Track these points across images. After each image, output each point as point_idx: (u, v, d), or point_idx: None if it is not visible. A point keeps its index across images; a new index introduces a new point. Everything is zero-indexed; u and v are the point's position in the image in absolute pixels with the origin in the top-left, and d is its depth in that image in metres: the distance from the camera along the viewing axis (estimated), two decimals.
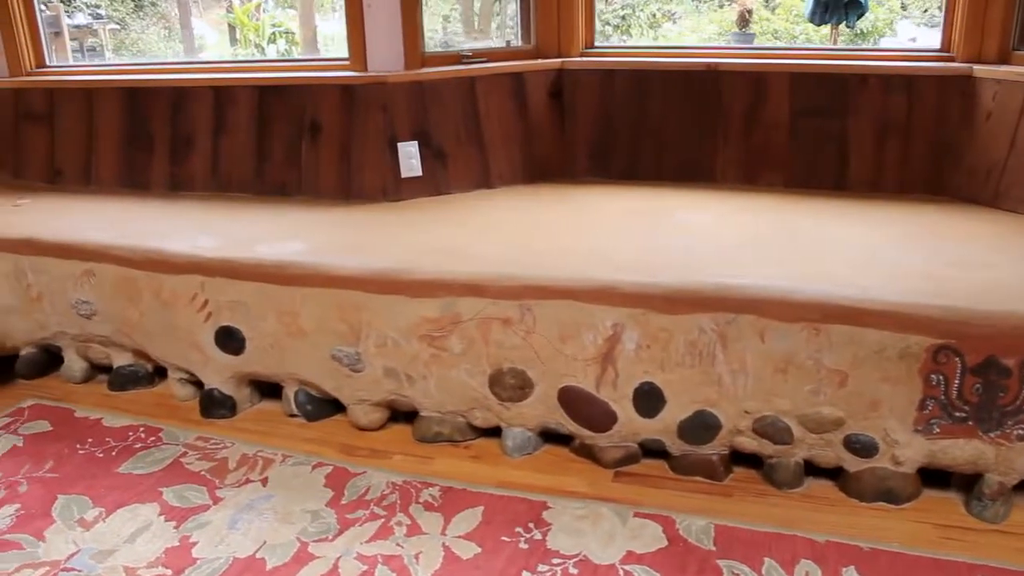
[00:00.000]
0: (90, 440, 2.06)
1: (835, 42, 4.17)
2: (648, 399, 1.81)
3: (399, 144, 2.38)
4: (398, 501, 1.78)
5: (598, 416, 1.85)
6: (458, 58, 2.55)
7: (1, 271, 2.28)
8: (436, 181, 2.45)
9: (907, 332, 1.63)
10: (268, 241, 2.12)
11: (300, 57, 3.47)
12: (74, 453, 2.01)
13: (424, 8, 2.45)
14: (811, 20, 3.75)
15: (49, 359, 2.42)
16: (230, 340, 2.05)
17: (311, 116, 2.47)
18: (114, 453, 2.00)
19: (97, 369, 2.38)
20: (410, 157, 2.38)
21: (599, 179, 2.58)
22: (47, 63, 2.91)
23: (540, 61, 2.56)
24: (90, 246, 2.17)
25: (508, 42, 2.87)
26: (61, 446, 2.04)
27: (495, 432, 1.97)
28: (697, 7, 6.59)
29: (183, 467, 1.93)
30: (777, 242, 2.01)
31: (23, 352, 2.37)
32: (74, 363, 2.34)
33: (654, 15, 6.85)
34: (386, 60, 2.44)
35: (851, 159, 2.42)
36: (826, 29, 4.29)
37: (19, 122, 2.84)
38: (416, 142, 2.40)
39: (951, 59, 2.38)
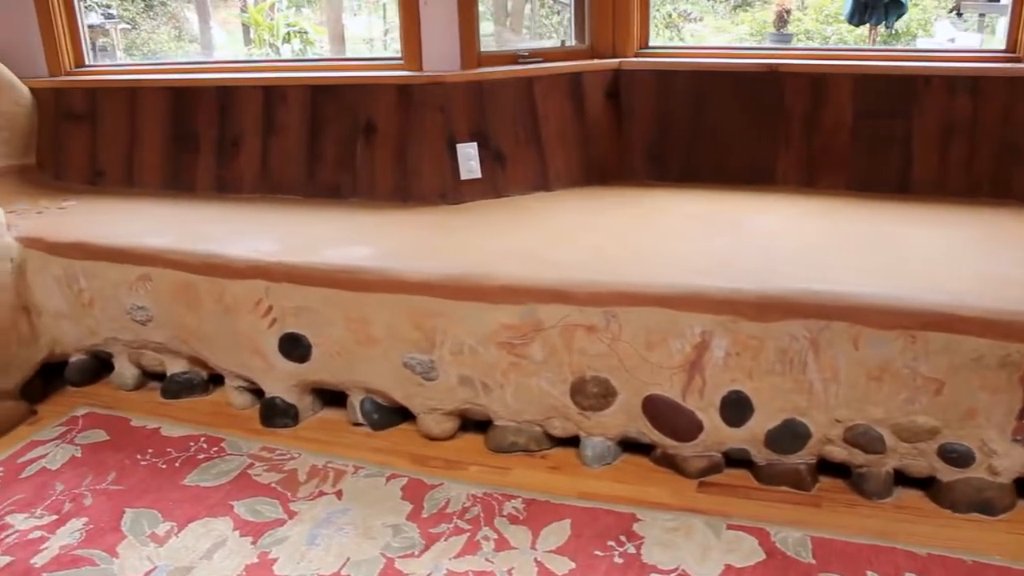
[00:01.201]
0: (150, 451, 2.00)
1: (873, 42, 4.15)
2: (736, 408, 1.77)
3: (458, 145, 2.34)
4: (481, 514, 1.73)
5: (683, 425, 1.81)
6: (514, 58, 2.50)
7: (52, 276, 2.22)
8: (495, 183, 2.40)
9: (1008, 340, 1.60)
10: (333, 245, 2.06)
11: (353, 56, 3.41)
12: (136, 464, 1.95)
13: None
14: (850, 20, 3.73)
15: (99, 366, 2.37)
16: (295, 347, 1.99)
17: (366, 117, 2.42)
18: (177, 464, 1.95)
19: (148, 376, 2.32)
20: (469, 159, 2.33)
21: (656, 181, 2.53)
22: (86, 63, 2.85)
23: (597, 61, 2.51)
24: (146, 250, 2.11)
25: (563, 42, 2.83)
26: (121, 457, 1.98)
27: (571, 441, 1.93)
28: (713, 7, 6.58)
29: (251, 479, 1.87)
30: (856, 246, 1.96)
31: (73, 358, 2.30)
32: (126, 370, 2.28)
33: (670, 15, 6.84)
34: (442, 59, 2.39)
35: (915, 161, 2.39)
36: (861, 29, 4.28)
37: (60, 123, 2.76)
38: (475, 143, 2.35)
39: (1017, 59, 2.36)
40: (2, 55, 2.72)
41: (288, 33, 6.50)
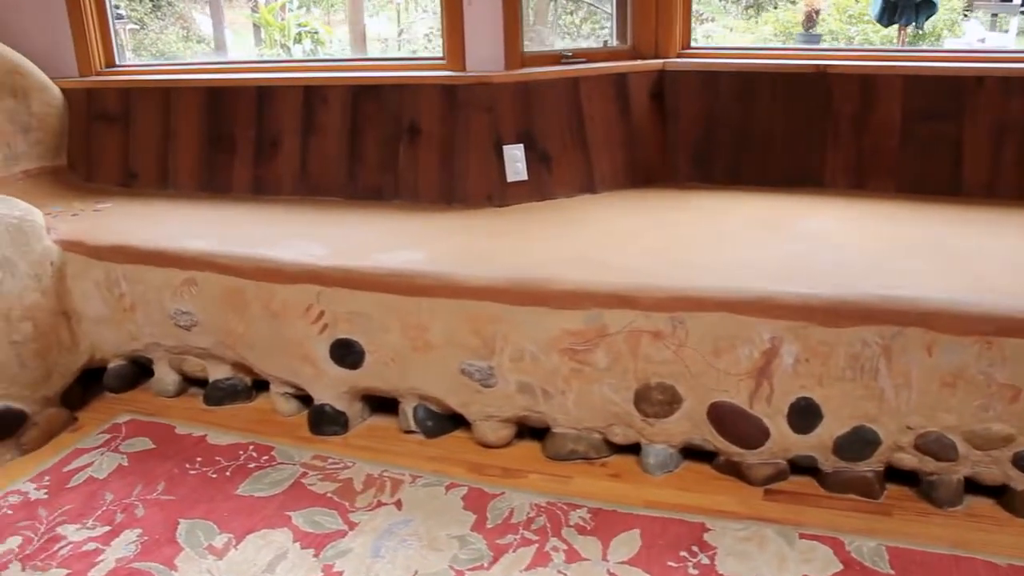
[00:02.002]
0: (199, 459, 1.96)
1: (903, 43, 4.14)
2: (804, 415, 1.74)
3: (504, 147, 2.30)
4: (547, 524, 1.69)
5: (750, 432, 1.77)
6: (557, 58, 2.46)
7: (92, 280, 2.17)
8: (541, 185, 2.36)
9: None
10: (384, 249, 2.01)
11: (394, 56, 3.36)
12: (185, 473, 1.91)
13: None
14: (879, 21, 3.71)
15: (138, 372, 2.32)
16: (347, 353, 1.95)
17: (409, 117, 2.38)
18: (228, 473, 1.90)
19: (189, 382, 2.27)
20: (516, 160, 2.29)
21: (702, 184, 2.50)
22: (116, 62, 2.80)
23: (641, 62, 2.48)
24: (191, 254, 2.06)
25: (605, 42, 2.80)
26: (170, 465, 1.94)
27: (630, 448, 1.89)
28: (725, 7, 6.56)
29: (306, 489, 1.83)
30: (918, 250, 1.93)
31: (112, 364, 2.26)
32: (166, 376, 2.23)
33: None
34: (486, 60, 2.35)
35: (965, 163, 2.36)
36: (887, 30, 4.26)
37: (91, 123, 2.71)
38: (521, 145, 2.31)
39: None
40: (32, 55, 2.67)
41: (299, 33, 6.47)
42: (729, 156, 2.50)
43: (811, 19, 3.89)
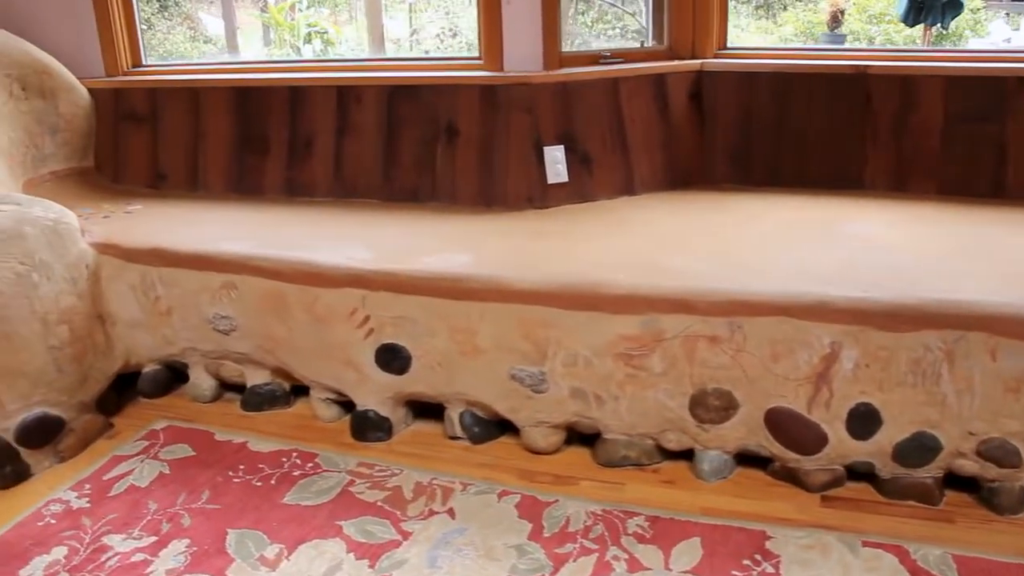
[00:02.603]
0: (242, 466, 1.92)
1: (928, 43, 4.12)
2: (863, 420, 1.71)
3: (545, 148, 2.27)
4: (605, 533, 1.67)
5: (808, 438, 1.74)
6: (595, 58, 2.44)
7: (127, 283, 2.13)
8: (581, 187, 2.33)
9: None
10: (428, 252, 1.98)
11: (431, 56, 3.32)
12: (229, 482, 1.87)
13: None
14: (904, 20, 3.69)
15: (172, 376, 2.27)
16: (393, 358, 1.91)
17: (447, 118, 2.34)
18: (273, 481, 1.86)
19: (225, 387, 2.23)
20: (556, 162, 2.26)
21: (740, 185, 2.47)
22: (143, 62, 2.77)
23: (678, 62, 2.45)
24: (230, 257, 2.02)
25: (642, 43, 2.77)
26: (212, 473, 1.90)
27: (681, 454, 1.86)
28: (735, 7, 6.50)
29: (355, 497, 1.79)
30: (972, 253, 1.90)
31: (146, 369, 2.22)
32: (202, 381, 2.19)
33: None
34: (525, 60, 2.32)
35: (1009, 164, 2.34)
36: (910, 30, 4.25)
37: (119, 124, 2.67)
38: (562, 146, 2.29)
39: None
40: (58, 55, 2.61)
41: (309, 33, 6.42)
42: (767, 157, 2.48)
43: (836, 19, 3.87)
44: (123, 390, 2.25)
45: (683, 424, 1.81)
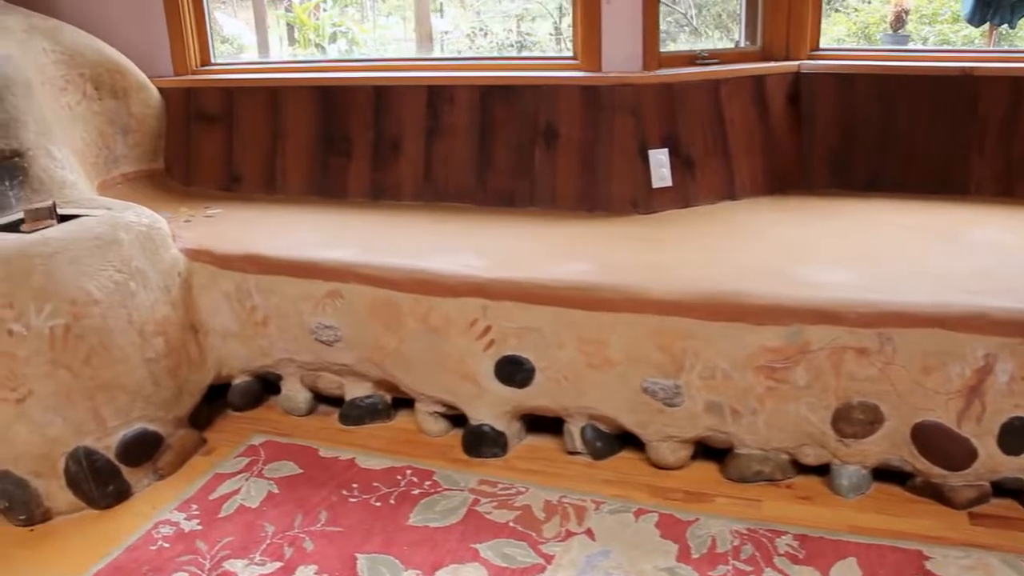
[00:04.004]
0: (355, 485, 1.83)
1: (993, 44, 4.09)
2: (1018, 435, 1.64)
3: (650, 151, 2.20)
4: (756, 553, 1.60)
5: (956, 453, 1.68)
6: (692, 59, 2.37)
7: (221, 291, 2.04)
8: (684, 192, 2.26)
9: None
10: (548, 259, 1.90)
11: (525, 56, 3.23)
12: (345, 502, 1.78)
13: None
14: (970, 20, 3.65)
15: (261, 388, 2.19)
16: (516, 371, 1.83)
17: (545, 119, 2.27)
18: (392, 501, 1.77)
19: (318, 399, 2.14)
20: (661, 165, 2.19)
21: (839, 190, 2.41)
22: (211, 61, 2.67)
23: (775, 64, 2.40)
24: (337, 264, 1.94)
25: (736, 43, 2.71)
26: (325, 492, 1.80)
27: (813, 469, 1.78)
28: None
29: (483, 518, 1.71)
30: None
31: (236, 381, 2.13)
32: (297, 394, 2.10)
33: (719, 16, 6.73)
34: (625, 60, 2.25)
35: None
36: (967, 30, 4.21)
37: (191, 124, 2.57)
38: (666, 149, 2.22)
39: None
40: (126, 53, 2.49)
41: (334, 33, 6.32)
42: (867, 162, 2.42)
43: (900, 19, 3.83)
44: (213, 403, 2.16)
45: (823, 438, 1.75)
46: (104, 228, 1.89)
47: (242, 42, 7.30)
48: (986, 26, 3.66)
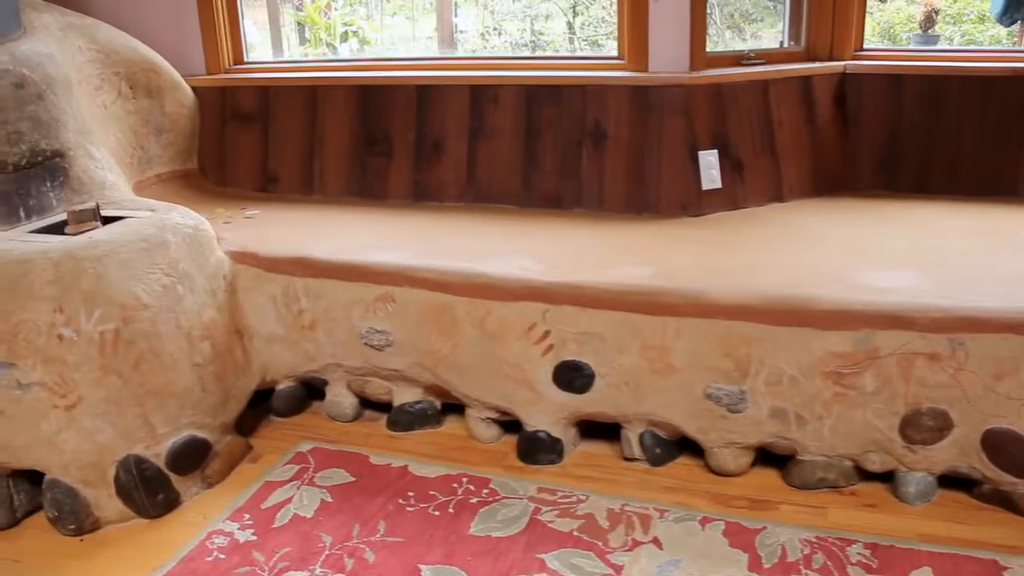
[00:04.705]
0: (411, 493, 1.79)
1: (1023, 42, 4.08)
2: None
3: (700, 153, 2.17)
4: (828, 563, 1.56)
5: None
6: (737, 59, 2.35)
7: (267, 294, 2.00)
8: (733, 194, 2.23)
9: None
10: (605, 263, 1.86)
11: (569, 55, 3.18)
12: (402, 511, 1.74)
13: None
14: (1000, 19, 3.64)
15: (305, 393, 2.15)
16: (575, 376, 1.79)
17: (593, 120, 2.23)
18: (451, 509, 1.74)
19: (364, 404, 2.10)
20: (711, 167, 2.16)
21: (886, 192, 2.38)
22: (244, 59, 2.62)
23: (821, 64, 2.37)
24: (389, 268, 1.89)
25: (781, 43, 2.69)
26: (381, 501, 1.77)
27: (876, 475, 1.75)
28: (774, 7, 6.44)
29: (546, 527, 1.67)
30: None
31: (280, 386, 2.09)
32: (344, 399, 2.06)
33: (732, 15, 6.70)
34: (672, 60, 2.22)
35: None
36: (994, 30, 4.19)
37: (225, 124, 2.52)
38: (716, 151, 2.19)
39: None
40: (158, 51, 2.44)
41: (345, 32, 6.27)
42: (914, 163, 2.39)
43: (930, 19, 3.82)
44: (254, 408, 2.11)
45: (890, 445, 1.72)
46: (152, 230, 1.84)
47: (251, 41, 7.23)
48: (1016, 26, 3.65)
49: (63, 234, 1.89)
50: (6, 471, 1.74)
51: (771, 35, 7.05)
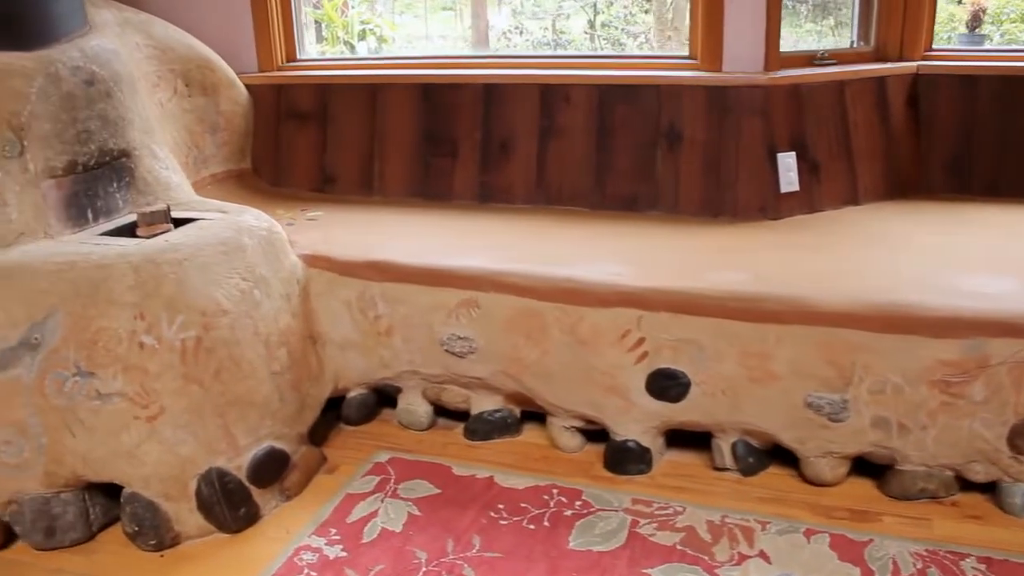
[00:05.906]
0: (501, 506, 1.73)
1: None
2: None
3: (778, 155, 2.13)
4: None
5: None
6: (810, 59, 2.31)
7: (341, 299, 1.93)
8: (810, 196, 2.19)
9: None
10: (701, 268, 1.82)
11: (641, 55, 3.10)
12: (495, 524, 1.68)
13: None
14: None
15: (376, 401, 2.08)
16: (670, 385, 1.75)
17: (668, 121, 2.18)
18: (546, 523, 1.68)
19: (437, 412, 2.03)
20: (789, 169, 2.12)
21: (959, 195, 2.33)
22: (298, 56, 2.55)
23: (894, 65, 2.32)
24: (473, 272, 1.84)
25: (852, 43, 2.65)
26: (472, 515, 1.71)
27: (975, 485, 1.70)
28: (794, 7, 6.43)
29: (647, 541, 1.62)
30: None
31: (352, 394, 2.02)
32: (418, 407, 2.00)
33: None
34: (747, 60, 2.16)
35: None
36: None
37: (280, 123, 2.45)
38: (794, 153, 2.15)
39: None
40: (209, 48, 2.37)
41: (363, 30, 6.19)
42: (988, 165, 2.36)
43: (977, 19, 3.80)
44: (325, 416, 2.02)
45: (996, 455, 1.68)
46: (229, 233, 1.78)
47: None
48: None
49: (135, 236, 1.84)
50: (82, 484, 1.68)
51: (793, 37, 7.04)
